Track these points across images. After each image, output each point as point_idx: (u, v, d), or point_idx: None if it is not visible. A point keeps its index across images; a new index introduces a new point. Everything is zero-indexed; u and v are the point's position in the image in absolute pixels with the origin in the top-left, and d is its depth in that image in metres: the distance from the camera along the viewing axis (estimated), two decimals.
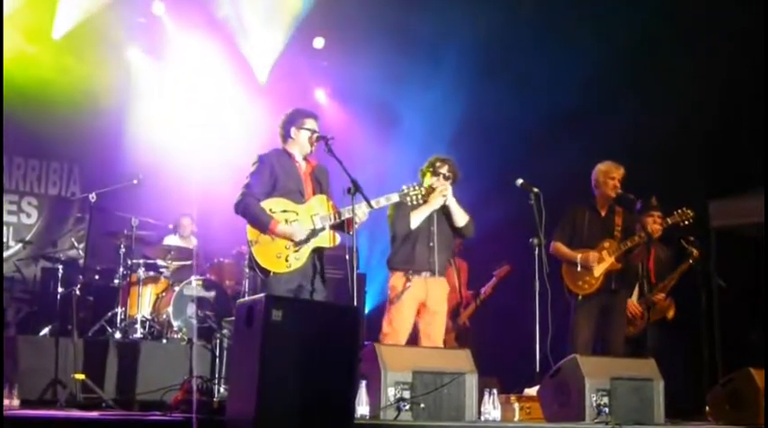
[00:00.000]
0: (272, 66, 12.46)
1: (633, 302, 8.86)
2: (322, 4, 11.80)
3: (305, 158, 7.17)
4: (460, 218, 7.91)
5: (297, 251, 6.80)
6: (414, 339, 7.71)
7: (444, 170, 7.87)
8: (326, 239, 6.98)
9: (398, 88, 12.01)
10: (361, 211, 6.98)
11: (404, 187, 7.28)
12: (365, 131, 11.99)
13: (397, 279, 7.71)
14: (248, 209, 6.86)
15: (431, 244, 7.75)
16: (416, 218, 7.73)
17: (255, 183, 6.96)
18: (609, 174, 8.59)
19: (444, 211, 7.85)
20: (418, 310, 7.74)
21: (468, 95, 11.53)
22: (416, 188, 7.28)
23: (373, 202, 7.09)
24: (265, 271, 6.81)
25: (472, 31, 11.26)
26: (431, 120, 11.98)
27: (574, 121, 10.76)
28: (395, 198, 7.26)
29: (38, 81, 11.02)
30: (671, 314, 9.12)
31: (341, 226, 6.99)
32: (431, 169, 7.90)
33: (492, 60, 11.35)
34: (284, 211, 6.86)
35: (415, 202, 7.34)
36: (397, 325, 7.63)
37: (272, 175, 6.97)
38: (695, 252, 8.88)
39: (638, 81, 10.52)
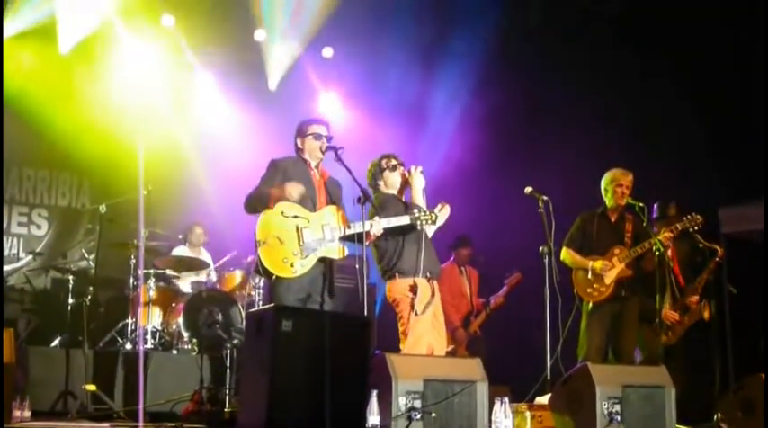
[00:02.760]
0: (284, 74, 12.50)
1: (668, 309, 8.84)
2: (331, 15, 11.84)
3: (317, 166, 7.17)
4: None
5: (304, 258, 6.79)
6: None
7: (395, 161, 7.70)
8: (335, 250, 6.96)
9: (406, 94, 12.04)
10: (377, 227, 6.97)
11: (414, 210, 7.27)
12: (374, 138, 11.98)
13: (424, 287, 7.35)
14: (251, 195, 6.91)
15: (429, 248, 7.52)
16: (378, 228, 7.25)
17: (266, 185, 6.96)
18: (617, 182, 8.59)
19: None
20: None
21: (477, 101, 11.55)
22: (427, 213, 7.24)
23: (384, 222, 7.07)
24: (270, 274, 6.78)
25: (479, 37, 11.29)
26: (440, 126, 12.01)
27: (583, 126, 10.75)
28: (405, 220, 7.21)
29: (47, 95, 11.08)
30: (707, 314, 9.02)
31: (350, 238, 6.96)
32: (383, 168, 7.68)
33: (501, 65, 11.36)
34: (296, 217, 6.84)
35: (426, 226, 7.28)
36: (422, 339, 7.30)
37: (285, 180, 6.94)
38: (719, 249, 8.84)
39: (645, 83, 10.50)
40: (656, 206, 8.58)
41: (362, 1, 11.51)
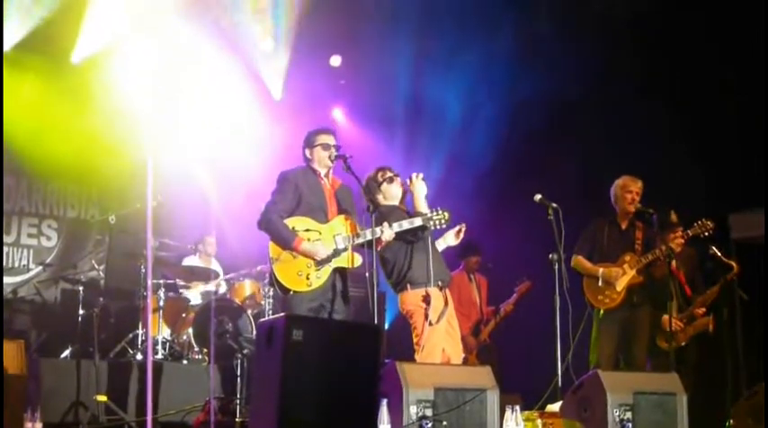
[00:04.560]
0: (284, 79, 12.49)
1: (674, 317, 8.81)
2: (338, 23, 11.83)
3: (327, 175, 7.18)
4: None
5: (318, 270, 6.80)
6: None
7: (390, 173, 7.66)
8: (347, 260, 6.97)
9: (415, 102, 12.04)
10: (388, 232, 6.97)
11: (426, 212, 7.26)
12: (383, 148, 11.99)
13: (437, 297, 7.35)
14: (272, 226, 6.86)
15: (436, 256, 7.48)
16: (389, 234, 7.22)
17: (279, 200, 6.97)
18: (626, 188, 8.59)
19: None
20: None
21: (486, 108, 11.55)
22: (440, 212, 7.24)
23: (396, 226, 7.08)
24: (286, 289, 6.80)
25: (489, 43, 11.29)
26: (448, 136, 11.99)
27: (592, 133, 10.74)
28: (418, 222, 7.21)
29: (56, 105, 11.10)
30: (711, 327, 9.01)
31: (362, 246, 6.97)
32: (382, 181, 7.63)
33: (510, 73, 11.34)
34: (307, 230, 6.86)
35: (438, 227, 7.28)
36: (436, 348, 7.28)
37: (297, 192, 6.98)
38: (735, 265, 8.82)
39: (656, 91, 10.49)
40: (654, 218, 8.51)
41: (369, 9, 11.51)
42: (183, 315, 9.80)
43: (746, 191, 9.65)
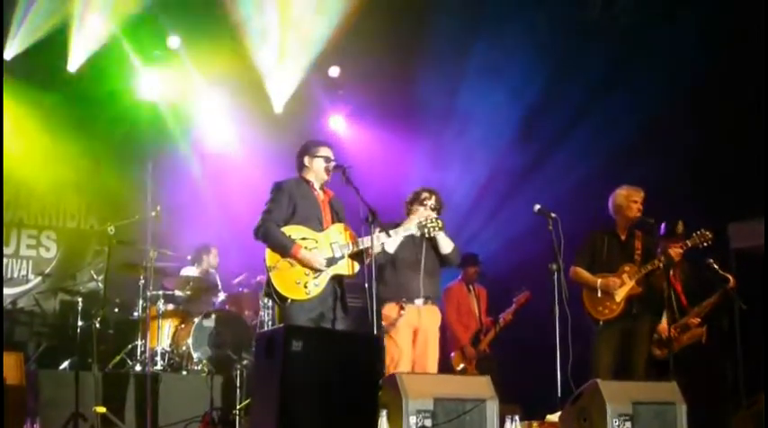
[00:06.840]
0: (289, 95, 12.49)
1: (664, 326, 8.79)
2: (337, 34, 11.85)
3: (322, 187, 7.18)
4: (446, 245, 7.83)
5: (316, 278, 6.79)
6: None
7: (431, 202, 7.83)
8: (345, 267, 6.97)
9: (415, 114, 12.05)
10: (379, 242, 6.99)
11: (422, 219, 7.29)
12: (382, 157, 11.99)
13: (390, 309, 7.65)
14: (269, 234, 6.85)
15: (419, 272, 7.71)
16: (392, 244, 7.57)
17: (274, 209, 6.97)
18: (631, 198, 8.54)
19: (432, 242, 7.77)
20: (413, 339, 7.73)
21: (486, 119, 11.56)
22: (434, 220, 7.28)
23: (392, 233, 7.10)
24: (283, 298, 6.78)
25: (489, 55, 11.30)
26: (446, 145, 12.00)
27: (591, 143, 10.75)
28: (413, 229, 7.26)
29: (55, 115, 11.13)
30: (704, 339, 8.99)
31: (360, 254, 6.98)
32: (420, 200, 7.86)
33: (510, 81, 11.36)
34: (303, 239, 6.86)
35: (432, 233, 7.34)
36: (396, 356, 7.56)
37: (291, 202, 6.98)
38: (731, 278, 8.80)
39: (652, 95, 10.50)
40: (663, 225, 8.53)
41: (369, 18, 11.52)
42: (182, 326, 9.78)
43: (746, 200, 9.65)
